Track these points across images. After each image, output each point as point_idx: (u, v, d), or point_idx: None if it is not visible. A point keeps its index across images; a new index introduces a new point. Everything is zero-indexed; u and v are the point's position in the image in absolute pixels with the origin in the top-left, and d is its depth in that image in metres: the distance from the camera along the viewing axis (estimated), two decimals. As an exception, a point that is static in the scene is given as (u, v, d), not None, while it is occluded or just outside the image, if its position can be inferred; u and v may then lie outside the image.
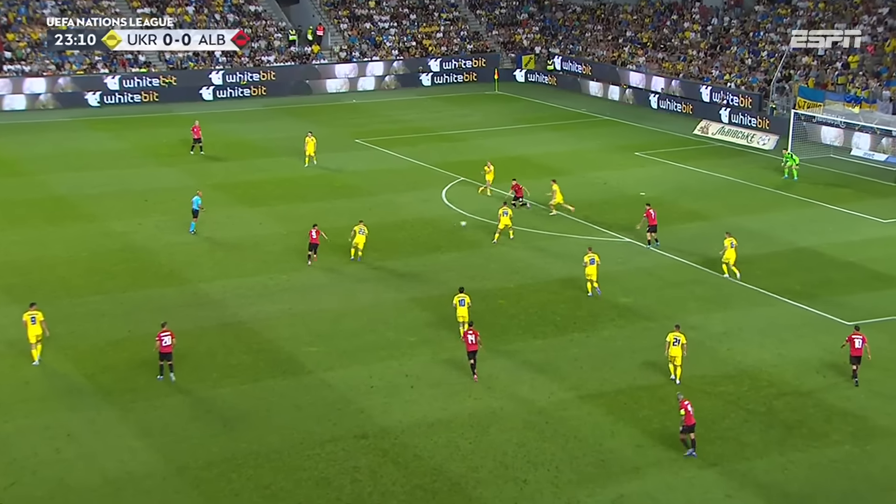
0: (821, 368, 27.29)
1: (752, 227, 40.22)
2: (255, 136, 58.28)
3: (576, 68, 74.58)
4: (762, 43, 65.76)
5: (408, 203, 44.21)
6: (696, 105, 63.32)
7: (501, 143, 56.71)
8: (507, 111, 66.80)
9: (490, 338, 29.55)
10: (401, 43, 77.70)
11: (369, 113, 66.80)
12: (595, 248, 37.46)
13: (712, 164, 50.82)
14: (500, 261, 36.07)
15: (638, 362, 27.88)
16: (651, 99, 66.65)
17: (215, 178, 48.38)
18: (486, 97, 72.47)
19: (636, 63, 71.34)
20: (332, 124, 62.66)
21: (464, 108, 68.45)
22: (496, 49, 79.48)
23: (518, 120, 63.39)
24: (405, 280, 34.50)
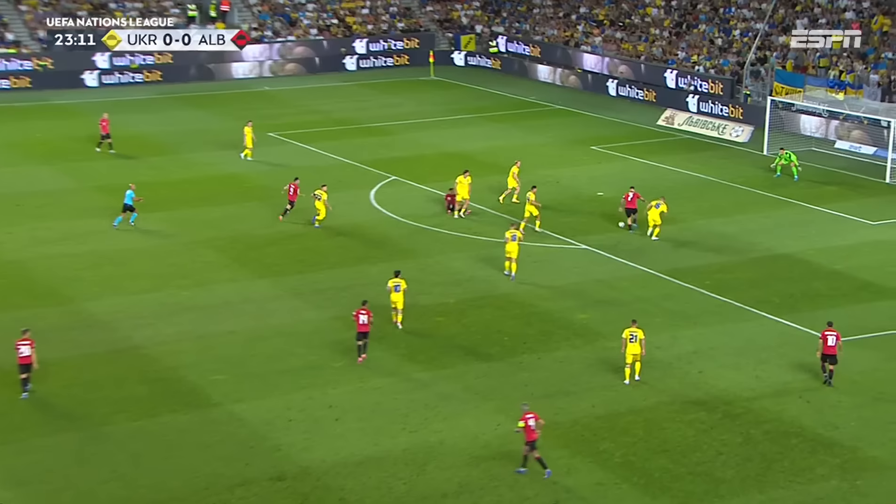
0: (804, 393, 27.86)
1: (726, 231, 40.96)
2: (149, 130, 57.64)
3: (523, 50, 75.25)
4: (734, 20, 67.10)
5: (332, 206, 44.09)
6: (661, 92, 64.32)
7: (438, 136, 56.87)
8: (445, 100, 67.02)
9: (427, 361, 29.64)
10: (320, 20, 77.62)
11: (285, 102, 66.49)
12: (548, 258, 37.75)
13: (679, 159, 51.67)
14: (439, 272, 36.19)
15: (597, 387, 28.17)
16: (609, 85, 67.54)
17: (101, 179, 47.70)
18: (419, 83, 72.66)
19: (591, 44, 72.23)
20: (240, 115, 62.05)
21: (394, 96, 68.50)
22: (431, 28, 79.84)
23: (457, 110, 63.65)
24: (329, 295, 34.40)
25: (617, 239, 39.64)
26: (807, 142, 53.74)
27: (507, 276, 35.58)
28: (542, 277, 36.23)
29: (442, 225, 41.44)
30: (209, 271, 36.70)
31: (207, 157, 52.49)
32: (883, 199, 45.35)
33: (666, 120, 60.01)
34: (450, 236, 40.29)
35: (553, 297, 34.48)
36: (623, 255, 38.08)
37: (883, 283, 35.36)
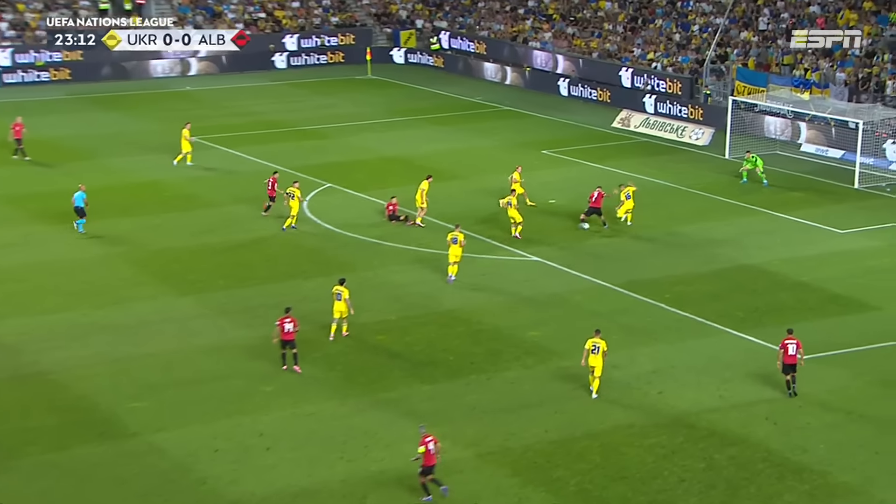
0: (771, 414, 28.15)
1: (686, 241, 41.36)
2: (56, 134, 56.96)
3: (467, 47, 75.51)
4: (692, 15, 67.95)
5: (261, 217, 43.85)
6: (615, 91, 64.89)
7: (376, 140, 56.82)
8: (383, 100, 67.01)
9: (367, 384, 29.53)
10: (246, 14, 77.23)
11: (209, 103, 66.03)
12: (497, 270, 37.83)
13: (636, 163, 52.12)
14: (379, 287, 36.10)
15: (550, 410, 28.23)
16: (560, 84, 67.99)
17: (2, 188, 47.00)
18: (355, 83, 72.59)
19: (541, 40, 72.69)
20: (159, 118, 61.65)
21: (328, 96, 68.35)
22: (368, 23, 79.83)
23: (396, 111, 63.66)
24: (258, 313, 34.14)
25: (572, 247, 39.79)
26: (771, 145, 54.48)
27: (448, 279, 36.35)
28: (491, 291, 36.26)
29: (382, 236, 41.36)
30: (126, 288, 36.25)
31: (125, 162, 51.97)
32: (851, 206, 46.10)
33: (621, 122, 60.52)
34: (391, 248, 40.23)
35: (502, 312, 34.52)
36: (577, 267, 38.27)
37: (852, 296, 35.91)
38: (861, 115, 50.14)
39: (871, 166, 49.76)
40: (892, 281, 37.25)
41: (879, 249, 40.40)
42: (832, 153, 53.27)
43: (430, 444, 24.15)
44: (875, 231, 42.54)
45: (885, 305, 35.06)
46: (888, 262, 39.09)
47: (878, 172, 49.55)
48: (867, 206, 45.92)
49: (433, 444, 24.17)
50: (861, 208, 45.73)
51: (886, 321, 33.90)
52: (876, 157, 50.69)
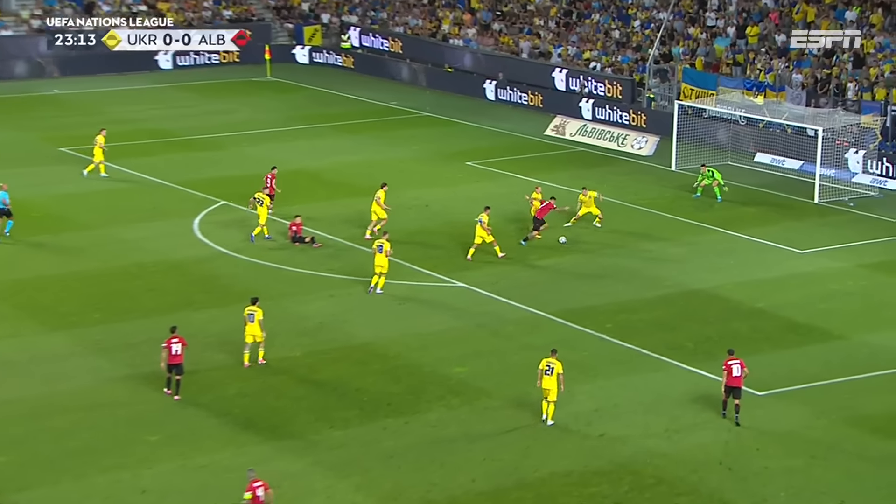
0: (726, 457, 28.47)
1: (629, 264, 41.75)
2: None
3: (381, 45, 75.69)
4: (633, 9, 68.92)
5: (144, 239, 43.44)
6: (548, 95, 65.48)
7: (277, 151, 56.63)
8: (285, 106, 66.85)
9: (269, 430, 29.31)
10: (124, 6, 76.52)
11: (81, 108, 65.31)
12: (418, 298, 37.86)
13: (571, 175, 52.55)
14: (282, 319, 35.89)
15: (477, 458, 28.24)
16: (486, 87, 68.43)
17: None
18: (253, 85, 72.31)
19: (463, 37, 73.11)
20: (22, 125, 60.76)
21: (222, 101, 68.01)
22: (266, 17, 79.63)
23: (300, 118, 63.54)
24: (141, 350, 33.76)
25: (502, 272, 39.95)
26: (722, 155, 55.26)
27: (371, 290, 37.59)
28: (411, 322, 36.26)
29: (285, 260, 41.16)
30: (-14, 323, 35.65)
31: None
32: (811, 223, 46.94)
33: (555, 129, 61.01)
34: (295, 274, 40.05)
35: (424, 346, 34.51)
36: (508, 294, 38.43)
37: (813, 324, 36.49)
38: (820, 121, 51.06)
39: (833, 178, 50.70)
40: (856, 306, 37.97)
41: (843, 271, 41.17)
42: (789, 164, 54.19)
43: (258, 489, 24.05)
44: (838, 251, 43.35)
45: (850, 334, 35.70)
46: (853, 286, 39.85)
47: (840, 185, 50.51)
48: (829, 223, 46.80)
49: (263, 490, 24.05)
50: (822, 225, 46.59)
51: (851, 351, 34.51)
52: (837, 167, 51.67)
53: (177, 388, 30.70)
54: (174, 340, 30.51)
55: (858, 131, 52.31)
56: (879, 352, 34.28)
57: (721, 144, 56.06)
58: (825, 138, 50.21)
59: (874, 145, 52.00)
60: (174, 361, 30.49)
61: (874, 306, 37.85)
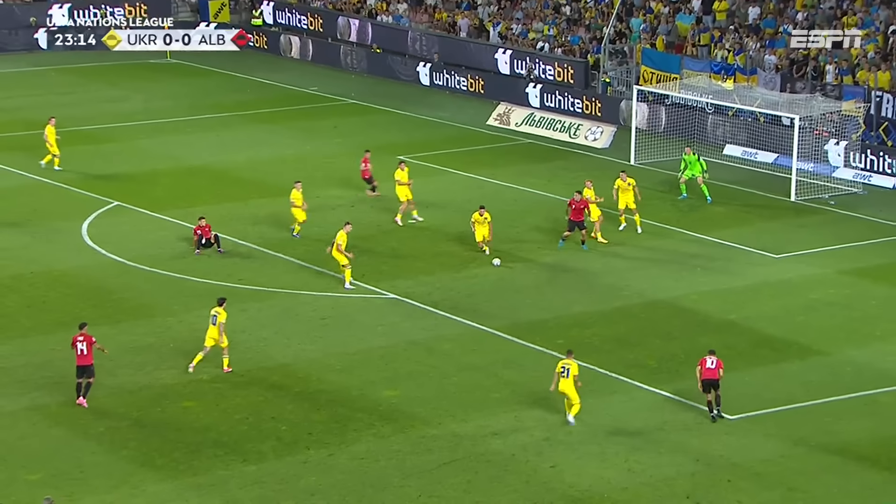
0: (694, 490, 28.64)
1: (583, 269, 41.92)
2: None
3: (298, 21, 75.46)
4: (586, -17, 69.08)
5: (22, 246, 43.08)
6: (490, 80, 65.60)
7: (179, 144, 56.36)
8: (187, 91, 66.47)
9: (169, 465, 29.13)
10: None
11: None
12: (342, 312, 37.89)
13: (516, 171, 52.69)
14: (186, 338, 35.69)
15: (412, 494, 28.24)
16: (420, 70, 68.40)
17: None
18: (149, 68, 71.86)
19: (393, 13, 73.07)
20: None
21: (113, 86, 67.49)
22: (165, -11, 79.16)
23: (206, 107, 63.21)
24: (19, 377, 33.53)
25: (439, 280, 39.99)
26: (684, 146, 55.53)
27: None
28: (334, 340, 36.22)
29: (188, 270, 40.93)
30: None
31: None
32: (787, 223, 47.39)
33: (498, 118, 61.14)
34: (200, 285, 39.85)
35: (349, 367, 34.46)
36: (445, 306, 38.48)
37: (790, 338, 36.80)
38: (797, 108, 51.39)
39: (811, 173, 51.15)
40: (839, 318, 38.37)
41: (823, 278, 41.60)
42: (762, 157, 54.63)
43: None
44: (817, 255, 43.80)
45: (831, 349, 36.08)
46: (834, 295, 40.27)
47: (820, 181, 50.95)
48: (807, 224, 47.28)
49: None
50: (799, 226, 47.03)
51: (833, 369, 34.87)
52: (816, 161, 52.13)
53: (85, 390, 31.29)
54: (80, 338, 30.85)
55: (839, 120, 52.82)
56: (864, 369, 34.66)
57: (685, 135, 56.35)
58: (802, 128, 50.64)
59: (857, 136, 52.53)
60: (82, 363, 31.01)
61: (858, 318, 38.27)
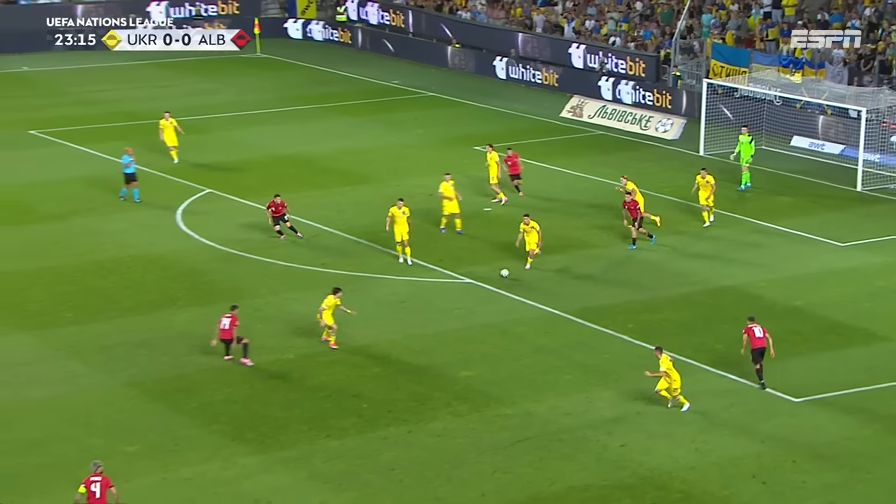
0: (759, 471, 28.49)
1: (652, 258, 41.77)
2: None
3: (381, 18, 75.65)
4: (658, -20, 68.74)
5: (121, 231, 43.56)
6: (564, 73, 65.46)
7: (267, 134, 56.72)
8: (276, 85, 66.87)
9: (258, 440, 29.38)
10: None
11: (51, 88, 65.40)
12: (421, 296, 37.96)
13: (589, 162, 52.56)
14: (273, 318, 35.98)
15: (487, 470, 28.28)
16: (496, 65, 68.39)
17: None
18: (241, 63, 72.33)
19: (472, 9, 73.07)
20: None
21: (207, 80, 68.06)
22: (256, -14, 79.66)
23: (293, 99, 63.56)
24: (118, 354, 33.86)
25: (513, 267, 40.00)
26: (755, 138, 55.02)
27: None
28: (413, 323, 36.32)
29: (277, 254, 41.24)
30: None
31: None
32: (853, 214, 46.93)
33: (572, 111, 61.01)
34: (287, 269, 40.10)
35: (427, 348, 34.56)
36: (519, 290, 38.47)
37: (856, 324, 36.47)
38: (864, 101, 50.98)
39: (877, 164, 50.66)
40: (904, 305, 38.02)
41: (888, 266, 41.16)
42: (829, 148, 54.17)
43: (93, 485, 24.43)
44: (882, 244, 43.34)
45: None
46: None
47: (886, 171, 50.48)
48: (872, 214, 46.81)
49: (99, 486, 24.43)
50: (865, 216, 46.58)
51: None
52: (882, 152, 51.63)
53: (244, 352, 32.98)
54: (227, 316, 32.77)
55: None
56: (928, 354, 34.30)
57: (754, 127, 55.94)
58: (869, 120, 50.16)
59: (923, 128, 51.97)
60: (224, 337, 32.65)
61: (923, 304, 37.88)
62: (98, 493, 24.49)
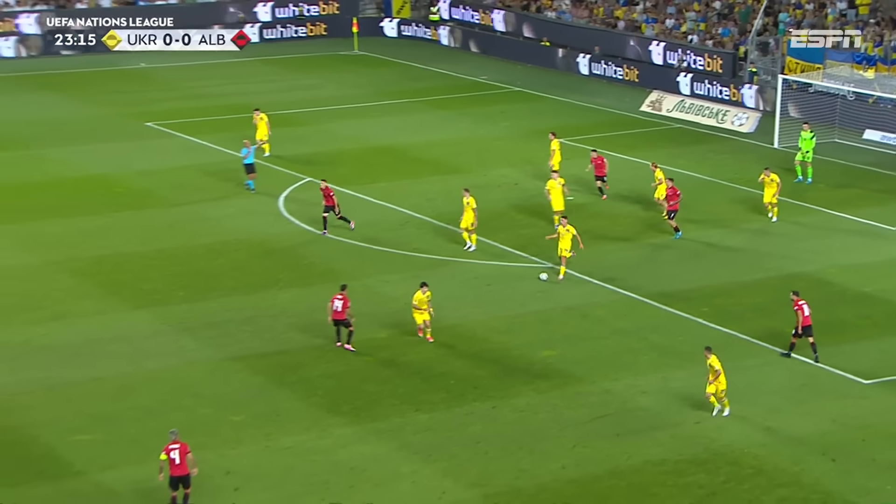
0: (828, 448, 28.25)
1: (727, 245, 41.44)
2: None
3: (471, 17, 75.62)
4: (735, -20, 68.01)
5: (228, 216, 43.96)
6: (644, 69, 65.02)
7: (364, 126, 56.91)
8: (372, 80, 67.08)
9: (353, 413, 29.63)
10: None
11: (166, 83, 66.16)
12: (505, 280, 37.98)
13: (668, 154, 52.20)
14: (368, 300, 36.16)
15: (567, 444, 28.31)
16: (580, 61, 68.10)
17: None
18: (340, 59, 72.68)
19: (557, 9, 72.79)
20: (108, 101, 61.82)
21: (308, 75, 68.44)
22: (354, -12, 79.93)
23: (387, 93, 63.73)
24: (225, 331, 34.27)
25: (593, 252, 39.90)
26: (828, 132, 54.58)
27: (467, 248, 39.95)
28: (498, 304, 36.37)
29: (371, 239, 41.47)
30: (68, 301, 36.31)
31: (65, 153, 52.07)
32: (923, 203, 46.29)
33: (651, 105, 60.64)
34: (381, 253, 40.33)
35: (510, 329, 34.61)
36: (598, 275, 38.37)
37: (924, 309, 36.06)
38: (935, 95, 50.26)
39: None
40: (970, 292, 37.36)
41: (956, 255, 40.55)
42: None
43: (172, 451, 24.88)
44: (950, 233, 42.70)
45: (963, 320, 35.19)
46: (966, 270, 39.22)
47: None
48: (942, 204, 46.11)
49: (179, 453, 24.88)
50: (935, 206, 45.91)
51: (964, 339, 34.01)
52: (952, 145, 50.84)
53: (348, 338, 32.65)
54: (338, 297, 32.31)
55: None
56: None
57: (827, 121, 55.32)
58: (939, 114, 49.43)
59: None
60: (336, 318, 32.34)
61: None
62: (178, 459, 24.90)
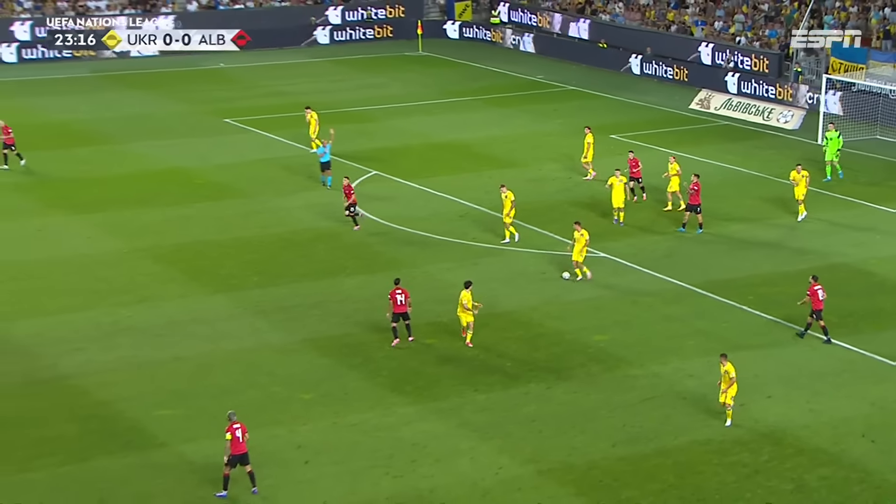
0: (869, 430, 28.09)
1: (771, 237, 41.21)
2: (71, 117, 57.77)
3: (529, 20, 75.55)
4: (782, -16, 67.44)
5: (299, 208, 44.24)
6: (693, 69, 64.70)
7: (427, 123, 57.06)
8: (436, 80, 67.21)
9: (415, 392, 29.82)
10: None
11: (243, 82, 66.69)
12: (560, 268, 37.99)
13: (716, 149, 51.96)
14: (429, 286, 36.35)
15: (617, 424, 28.35)
16: (632, 62, 67.89)
17: (12, 176, 47.69)
18: (405, 60, 72.87)
19: (611, 12, 72.55)
20: (188, 98, 62.40)
21: (375, 75, 68.69)
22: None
23: (450, 92, 63.84)
24: (295, 314, 34.58)
25: (643, 243, 39.84)
26: (870, 129, 54.07)
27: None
28: (552, 291, 36.41)
29: (432, 229, 41.64)
30: (151, 285, 36.79)
31: (149, 147, 52.65)
32: (960, 198, 45.72)
33: (700, 103, 60.35)
34: (441, 242, 40.48)
35: (564, 314, 34.65)
36: (649, 264, 38.31)
37: (961, 299, 35.66)
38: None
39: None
40: None
41: None
42: (940, 139, 52.81)
43: (237, 430, 25.06)
44: None
45: None
46: None
47: None
48: (980, 199, 45.52)
49: (241, 431, 25.10)
50: (971, 201, 45.33)
51: None
52: None
53: (408, 331, 32.31)
54: (398, 291, 31.89)
55: None
56: None
57: (869, 118, 54.81)
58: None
59: None
60: (398, 311, 31.94)
61: None
62: (241, 438, 25.20)
